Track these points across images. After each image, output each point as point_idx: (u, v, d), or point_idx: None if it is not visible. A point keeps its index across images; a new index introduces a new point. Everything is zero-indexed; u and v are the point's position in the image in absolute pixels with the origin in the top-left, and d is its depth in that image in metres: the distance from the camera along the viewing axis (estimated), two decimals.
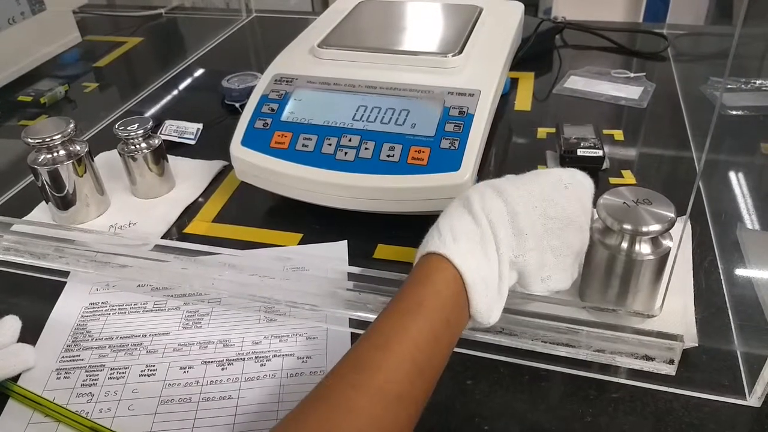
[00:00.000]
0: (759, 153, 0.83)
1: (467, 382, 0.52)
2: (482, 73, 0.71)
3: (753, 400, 0.49)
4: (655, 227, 0.49)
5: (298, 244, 0.68)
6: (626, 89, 0.95)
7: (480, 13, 0.83)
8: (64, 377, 0.54)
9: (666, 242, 0.51)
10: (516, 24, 0.85)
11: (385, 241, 0.67)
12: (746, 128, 0.89)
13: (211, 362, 0.55)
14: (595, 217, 0.52)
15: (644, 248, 0.51)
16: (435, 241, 0.45)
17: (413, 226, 0.67)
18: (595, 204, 0.52)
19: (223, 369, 0.54)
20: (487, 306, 0.45)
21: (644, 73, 0.99)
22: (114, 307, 0.61)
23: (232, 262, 0.61)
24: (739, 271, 0.62)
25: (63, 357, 0.56)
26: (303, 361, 0.54)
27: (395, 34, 0.80)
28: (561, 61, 1.07)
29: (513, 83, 0.98)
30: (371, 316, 0.56)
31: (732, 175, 0.77)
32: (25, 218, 0.72)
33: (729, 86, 0.92)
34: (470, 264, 0.44)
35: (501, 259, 0.46)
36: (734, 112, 0.88)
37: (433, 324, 0.42)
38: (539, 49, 1.06)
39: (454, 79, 0.70)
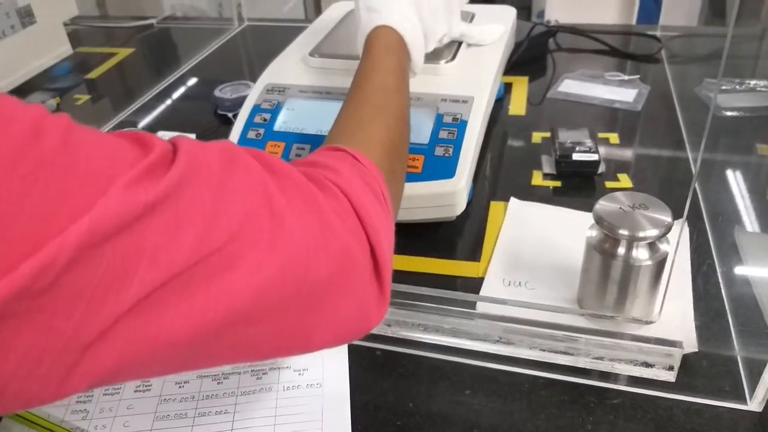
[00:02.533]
0: (755, 154, 0.83)
1: (465, 392, 0.51)
2: (475, 79, 0.71)
3: (754, 405, 0.48)
4: (652, 232, 0.49)
5: None
6: (620, 92, 0.95)
7: (472, 19, 0.82)
8: None
9: (663, 247, 0.51)
10: (508, 29, 0.84)
11: None
12: (742, 129, 0.89)
13: (207, 376, 0.54)
14: (591, 223, 0.52)
15: (642, 253, 0.50)
16: (382, 17, 0.59)
17: (409, 234, 0.67)
18: (591, 210, 0.51)
19: (218, 383, 0.53)
20: (421, 57, 0.63)
21: (638, 76, 0.99)
22: None
23: None
24: (738, 275, 0.62)
25: None
26: (299, 374, 0.54)
27: None
28: (555, 65, 1.07)
29: (507, 88, 0.98)
30: None
31: (729, 176, 0.77)
32: None
33: (723, 87, 0.92)
34: (408, 31, 0.60)
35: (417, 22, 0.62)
36: (729, 113, 0.88)
37: (399, 61, 0.58)
38: (533, 53, 1.06)
39: (447, 85, 0.69)
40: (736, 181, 0.76)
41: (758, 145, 0.83)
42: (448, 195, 0.62)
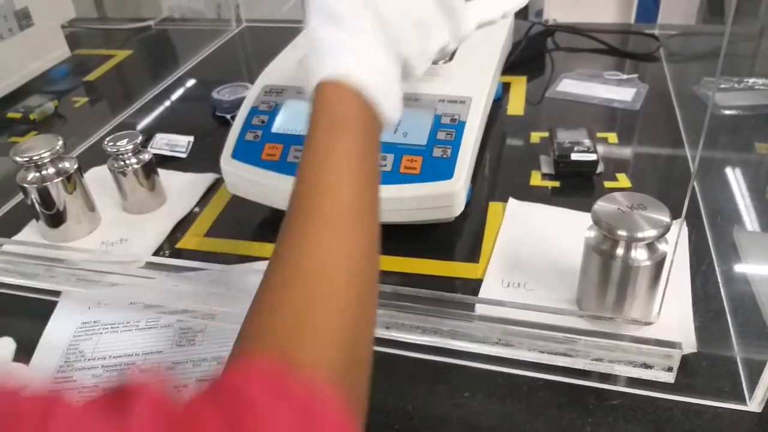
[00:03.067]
0: (754, 152, 0.83)
1: (465, 395, 0.51)
2: (473, 79, 0.71)
3: (753, 406, 0.48)
4: (651, 233, 0.49)
5: None
6: (619, 91, 0.95)
7: None
8: None
9: (662, 247, 0.51)
10: (506, 28, 0.84)
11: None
12: (740, 127, 0.89)
13: (206, 380, 0.54)
14: (590, 223, 0.52)
15: (640, 254, 0.50)
16: (326, 65, 0.42)
17: (407, 236, 0.67)
18: (590, 210, 0.51)
19: None
20: (395, 107, 0.44)
21: (637, 75, 0.99)
22: (106, 326, 0.60)
23: (223, 278, 0.60)
24: (737, 274, 0.62)
25: (56, 378, 0.55)
26: None
27: None
28: (553, 64, 1.06)
29: (505, 88, 0.98)
30: None
31: (727, 175, 0.77)
32: (15, 237, 0.72)
33: (722, 86, 0.92)
34: (368, 77, 0.42)
35: (386, 55, 0.44)
36: (728, 112, 0.88)
37: (359, 146, 0.40)
38: (531, 53, 1.06)
39: (445, 86, 0.69)
40: (735, 180, 0.75)
41: (757, 144, 0.82)
42: (447, 196, 0.62)
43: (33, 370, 0.56)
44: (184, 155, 0.85)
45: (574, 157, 0.75)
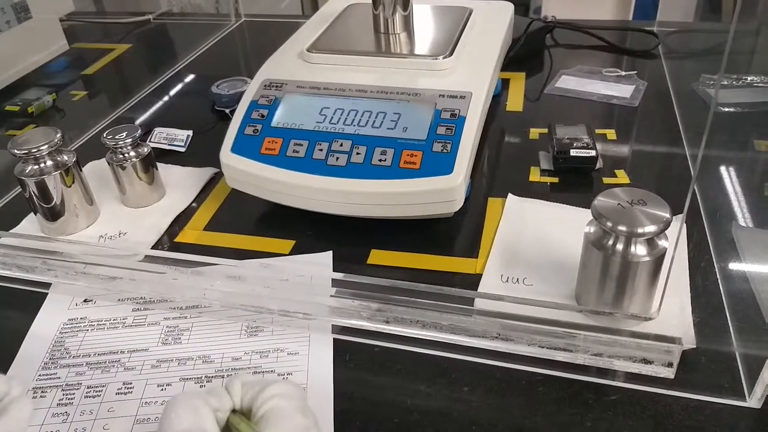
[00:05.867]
0: (752, 149, 0.83)
1: (464, 389, 0.51)
2: (473, 74, 0.71)
3: (753, 402, 0.48)
4: (651, 228, 0.49)
5: (291, 250, 0.67)
6: (618, 88, 0.95)
7: (470, 15, 0.82)
8: (41, 396, 0.53)
9: (662, 243, 0.51)
10: (506, 24, 0.84)
11: (379, 246, 0.66)
12: (739, 125, 0.89)
13: (190, 379, 0.53)
14: (589, 219, 0.52)
15: (640, 249, 0.50)
16: None
17: (407, 231, 0.67)
18: (589, 206, 0.51)
19: (201, 386, 0.53)
20: None
21: (635, 71, 0.99)
22: (92, 323, 0.60)
23: (222, 272, 0.60)
24: (736, 271, 0.62)
25: (40, 375, 0.55)
26: (283, 378, 0.53)
27: (385, 37, 0.79)
28: (552, 61, 1.06)
29: (504, 84, 0.98)
30: (360, 323, 0.56)
31: (726, 172, 0.77)
32: (13, 230, 0.71)
33: (721, 83, 0.92)
34: None
35: None
36: (726, 109, 0.88)
37: None
38: (530, 49, 1.06)
39: (445, 81, 0.69)
40: (733, 177, 0.76)
41: (756, 141, 0.83)
42: (446, 191, 0.62)
43: (15, 368, 0.55)
44: (183, 149, 0.85)
45: (573, 153, 0.75)
